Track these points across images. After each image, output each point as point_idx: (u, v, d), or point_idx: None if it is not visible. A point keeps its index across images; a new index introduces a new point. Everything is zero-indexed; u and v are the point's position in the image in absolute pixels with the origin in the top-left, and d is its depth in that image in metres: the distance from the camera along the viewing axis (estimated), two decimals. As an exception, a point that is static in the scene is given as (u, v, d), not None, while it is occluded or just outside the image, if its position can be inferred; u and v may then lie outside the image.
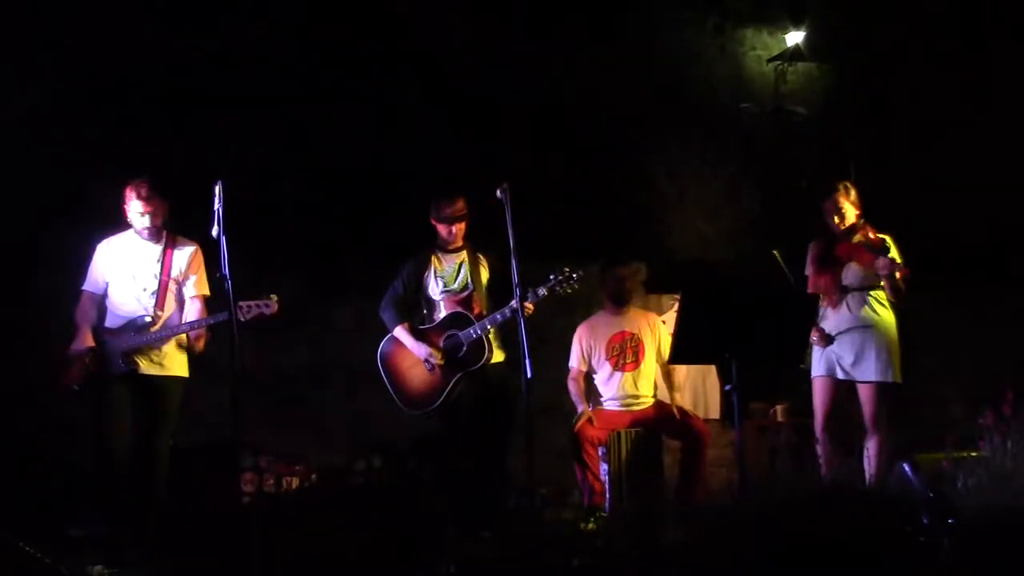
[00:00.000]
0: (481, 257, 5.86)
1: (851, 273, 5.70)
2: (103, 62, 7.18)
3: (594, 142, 7.88)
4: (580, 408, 6.29)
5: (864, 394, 5.64)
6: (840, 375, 5.67)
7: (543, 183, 5.59)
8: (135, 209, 5.36)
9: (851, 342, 5.63)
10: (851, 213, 5.76)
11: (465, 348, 5.67)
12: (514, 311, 5.32)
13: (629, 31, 8.19)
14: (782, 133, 8.32)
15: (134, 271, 5.42)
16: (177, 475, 5.50)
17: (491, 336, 5.68)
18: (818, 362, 5.72)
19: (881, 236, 5.70)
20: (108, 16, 7.22)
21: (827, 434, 5.64)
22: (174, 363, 5.44)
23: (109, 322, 5.44)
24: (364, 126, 7.56)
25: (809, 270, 5.86)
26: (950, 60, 8.33)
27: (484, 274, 5.83)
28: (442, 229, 5.80)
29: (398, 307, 5.84)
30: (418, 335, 5.79)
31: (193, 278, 5.49)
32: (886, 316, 5.67)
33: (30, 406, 6.35)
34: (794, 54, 8.54)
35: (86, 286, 5.47)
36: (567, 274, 5.52)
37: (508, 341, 5.78)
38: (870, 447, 5.52)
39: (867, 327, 5.63)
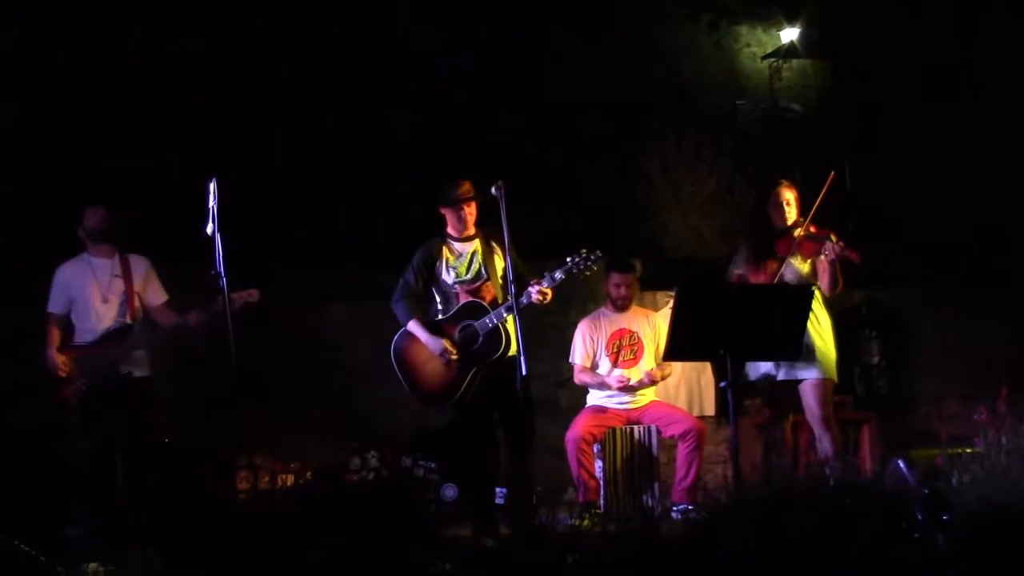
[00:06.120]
0: (495, 245, 5.49)
1: (790, 271, 5.54)
2: (98, 64, 7.18)
3: (588, 139, 7.88)
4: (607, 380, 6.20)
5: (808, 393, 5.47)
6: (781, 375, 5.49)
7: (538, 180, 5.55)
8: (95, 230, 5.65)
9: None
10: (795, 208, 5.61)
11: (481, 339, 5.37)
12: (530, 300, 5.18)
13: (624, 28, 8.20)
14: (776, 130, 8.33)
15: (101, 286, 5.65)
16: (172, 473, 5.54)
17: (508, 325, 5.31)
18: (756, 364, 5.54)
19: (825, 230, 5.52)
20: (103, 17, 7.22)
21: (772, 434, 5.59)
22: (148, 364, 5.71)
23: (83, 338, 5.64)
24: (357, 124, 7.55)
25: (742, 268, 5.67)
26: (944, 58, 8.35)
27: (499, 263, 5.47)
28: (451, 215, 5.49)
29: (410, 300, 5.53)
30: (432, 328, 5.49)
31: (152, 288, 5.75)
32: (823, 314, 5.47)
33: (25, 405, 6.34)
34: (789, 51, 8.56)
35: (52, 308, 5.70)
36: (584, 256, 5.29)
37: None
38: (823, 446, 5.41)
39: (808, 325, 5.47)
